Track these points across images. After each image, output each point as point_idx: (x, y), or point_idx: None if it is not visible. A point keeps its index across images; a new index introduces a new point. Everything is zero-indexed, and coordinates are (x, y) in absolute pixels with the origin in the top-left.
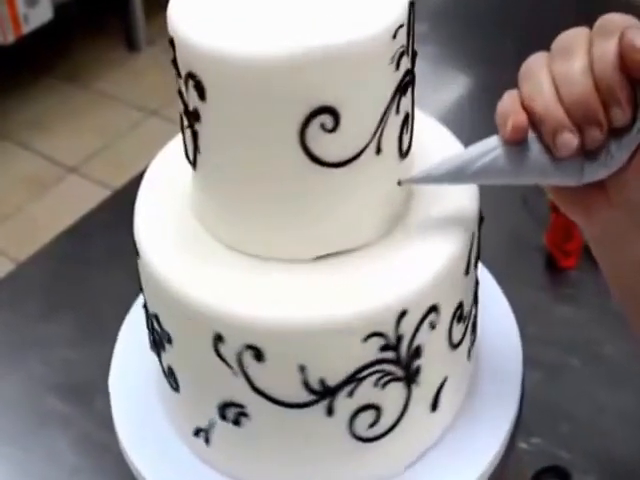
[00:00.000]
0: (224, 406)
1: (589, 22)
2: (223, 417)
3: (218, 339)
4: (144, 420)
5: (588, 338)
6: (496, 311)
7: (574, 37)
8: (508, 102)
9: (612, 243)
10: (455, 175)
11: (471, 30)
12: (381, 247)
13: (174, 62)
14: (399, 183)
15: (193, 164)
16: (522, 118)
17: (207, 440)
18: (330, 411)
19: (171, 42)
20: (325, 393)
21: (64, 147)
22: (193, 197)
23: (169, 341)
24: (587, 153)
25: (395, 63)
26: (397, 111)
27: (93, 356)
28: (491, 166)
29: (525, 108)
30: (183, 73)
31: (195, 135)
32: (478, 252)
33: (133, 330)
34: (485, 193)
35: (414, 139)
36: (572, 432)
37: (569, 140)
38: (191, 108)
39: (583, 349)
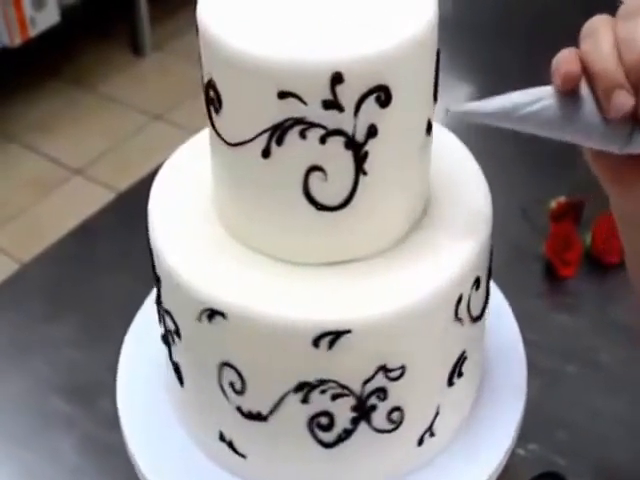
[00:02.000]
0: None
1: None
2: None
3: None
4: (152, 422)
5: (585, 346)
6: (500, 319)
7: None
8: (565, 53)
9: None
10: (502, 115)
11: (474, 39)
12: (421, 234)
13: (333, 101)
14: (447, 112)
15: (345, 203)
16: (575, 67)
17: None
18: None
19: (336, 79)
20: None
21: (69, 149)
22: (232, 216)
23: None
24: (637, 122)
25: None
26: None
27: (97, 357)
28: (539, 114)
29: (583, 62)
30: (359, 94)
31: (363, 159)
32: None
33: (140, 333)
34: None
35: None
36: (569, 439)
37: (624, 100)
38: (363, 133)
39: (580, 356)
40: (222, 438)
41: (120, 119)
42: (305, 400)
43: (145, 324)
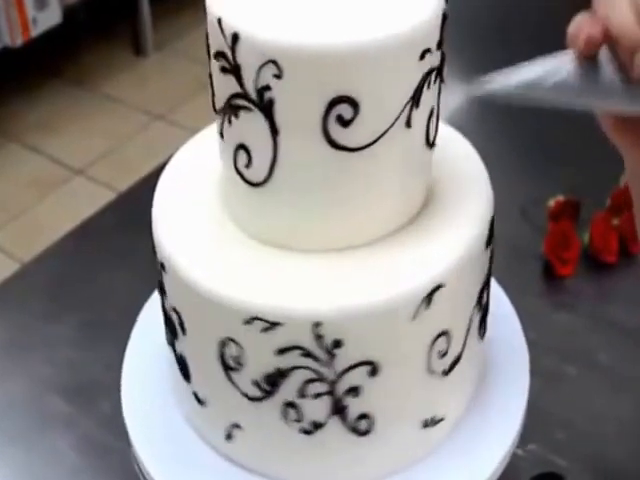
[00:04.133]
0: None
1: None
2: None
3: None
4: (157, 421)
5: (584, 345)
6: (502, 316)
7: None
8: (581, 18)
9: None
10: (524, 91)
11: (473, 41)
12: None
13: (441, 41)
14: (468, 94)
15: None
16: (596, 31)
17: None
18: None
19: (444, 20)
20: None
21: (70, 149)
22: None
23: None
24: None
25: None
26: None
27: (97, 357)
28: (560, 84)
29: (601, 27)
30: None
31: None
32: None
33: (145, 331)
34: None
35: None
36: (567, 439)
37: None
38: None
39: (579, 356)
40: None
41: (121, 119)
42: None
43: (151, 323)
